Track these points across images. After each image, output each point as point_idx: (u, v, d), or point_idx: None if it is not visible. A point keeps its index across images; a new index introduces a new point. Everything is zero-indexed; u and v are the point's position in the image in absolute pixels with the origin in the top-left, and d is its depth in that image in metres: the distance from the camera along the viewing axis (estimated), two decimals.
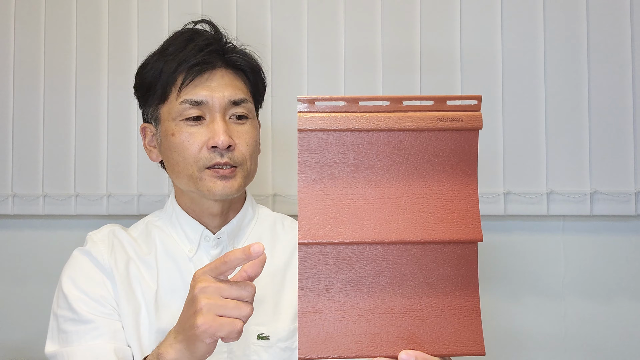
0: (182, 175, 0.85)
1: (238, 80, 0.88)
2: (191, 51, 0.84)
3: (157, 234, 0.91)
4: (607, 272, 1.18)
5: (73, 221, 1.37)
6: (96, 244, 0.88)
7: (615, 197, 1.15)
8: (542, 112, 1.19)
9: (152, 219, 0.95)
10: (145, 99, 0.89)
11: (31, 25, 1.38)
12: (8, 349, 1.38)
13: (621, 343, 1.17)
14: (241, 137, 0.85)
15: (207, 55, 0.84)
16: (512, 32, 1.20)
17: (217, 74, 0.85)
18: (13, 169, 1.38)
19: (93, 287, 0.84)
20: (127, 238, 0.90)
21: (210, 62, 0.84)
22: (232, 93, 0.85)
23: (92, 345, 0.80)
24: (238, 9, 1.30)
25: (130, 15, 1.34)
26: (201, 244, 0.89)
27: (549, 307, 1.20)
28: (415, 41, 1.24)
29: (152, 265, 0.88)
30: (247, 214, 0.94)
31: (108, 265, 0.86)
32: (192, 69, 0.83)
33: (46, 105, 1.37)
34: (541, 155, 1.18)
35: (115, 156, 1.34)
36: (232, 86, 0.85)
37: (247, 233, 0.93)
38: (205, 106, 0.83)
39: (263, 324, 0.87)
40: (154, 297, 0.86)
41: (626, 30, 1.16)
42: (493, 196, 1.19)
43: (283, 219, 1.00)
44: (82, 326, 0.81)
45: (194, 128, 0.83)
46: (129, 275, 0.86)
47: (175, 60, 0.84)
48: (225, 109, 0.84)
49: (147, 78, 0.87)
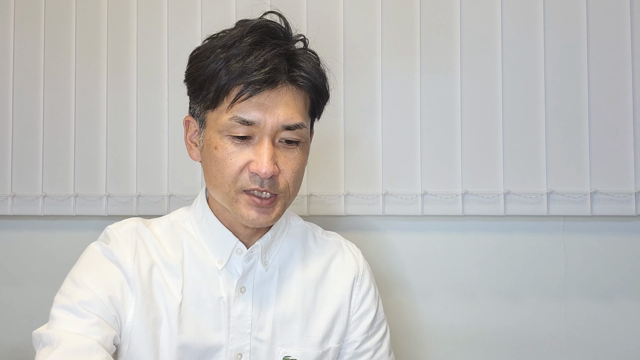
0: (219, 190, 0.79)
1: (298, 99, 0.78)
2: (255, 62, 0.74)
3: (184, 238, 0.85)
4: (608, 272, 1.18)
5: (72, 222, 1.37)
6: (119, 244, 0.81)
7: (616, 197, 1.15)
8: (542, 112, 1.19)
9: (178, 218, 0.87)
10: (195, 95, 0.80)
11: (31, 25, 1.38)
12: (7, 349, 1.38)
13: (621, 343, 1.17)
14: (287, 163, 0.78)
15: (270, 74, 0.74)
16: (512, 32, 1.20)
17: (275, 92, 0.75)
18: (12, 169, 1.38)
19: (108, 287, 0.77)
20: (150, 238, 0.83)
21: (272, 81, 0.74)
22: (288, 117, 0.76)
23: (76, 337, 0.71)
24: (237, 5, 1.30)
25: (130, 15, 1.34)
26: (232, 257, 0.83)
27: (549, 307, 1.19)
28: (416, 41, 1.24)
29: (177, 274, 0.81)
30: (280, 226, 0.89)
31: (131, 272, 0.79)
32: (251, 85, 0.74)
33: (46, 105, 1.37)
34: (541, 155, 1.18)
35: (114, 157, 1.34)
36: (289, 107, 0.76)
37: (278, 245, 0.88)
38: (256, 127, 0.75)
39: (290, 346, 0.84)
40: (178, 309, 0.79)
41: (626, 30, 1.16)
42: (493, 196, 1.19)
43: (314, 230, 0.95)
44: (74, 316, 0.74)
45: (239, 147, 0.76)
46: (152, 283, 0.80)
47: (235, 69, 0.74)
48: (277, 133, 0.76)
49: (201, 74, 0.77)
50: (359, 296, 0.90)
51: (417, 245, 1.24)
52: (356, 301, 0.90)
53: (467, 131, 1.21)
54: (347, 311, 0.88)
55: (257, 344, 0.83)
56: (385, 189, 1.23)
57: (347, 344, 0.89)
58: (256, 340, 0.83)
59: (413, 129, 1.23)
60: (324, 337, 0.86)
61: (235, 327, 0.82)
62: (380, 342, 0.91)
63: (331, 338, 0.87)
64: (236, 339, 0.82)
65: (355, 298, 0.90)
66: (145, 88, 1.33)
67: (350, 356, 0.89)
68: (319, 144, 1.25)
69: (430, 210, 1.21)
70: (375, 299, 0.92)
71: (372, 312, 0.91)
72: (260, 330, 0.83)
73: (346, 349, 0.89)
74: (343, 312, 0.88)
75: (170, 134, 1.31)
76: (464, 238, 1.23)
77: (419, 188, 1.22)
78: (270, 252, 0.87)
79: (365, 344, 0.90)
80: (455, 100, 1.22)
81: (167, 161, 1.31)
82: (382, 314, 0.94)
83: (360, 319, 0.90)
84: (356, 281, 0.90)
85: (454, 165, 1.21)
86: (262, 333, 0.83)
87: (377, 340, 0.91)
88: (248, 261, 0.84)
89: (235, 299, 0.82)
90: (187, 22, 1.32)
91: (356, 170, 1.25)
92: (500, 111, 1.20)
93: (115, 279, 0.78)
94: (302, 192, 1.26)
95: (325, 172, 1.26)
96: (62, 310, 0.74)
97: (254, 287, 0.84)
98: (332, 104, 1.25)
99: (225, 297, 0.82)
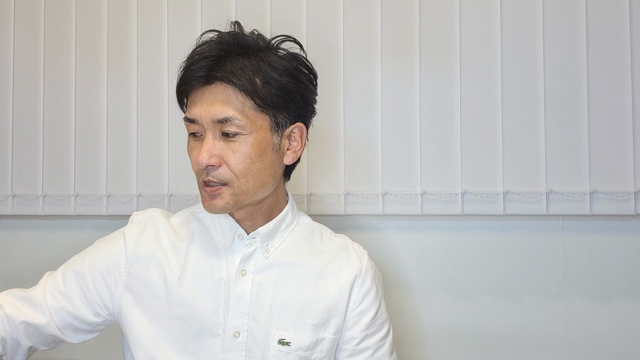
0: None
1: (233, 96, 0.82)
2: (190, 65, 0.83)
3: (196, 225, 0.94)
4: (607, 271, 1.18)
5: (73, 221, 1.37)
6: (132, 225, 0.93)
7: (615, 197, 1.15)
8: (541, 111, 1.19)
9: (196, 210, 0.97)
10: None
11: (31, 25, 1.38)
12: None
13: (620, 342, 1.17)
14: (230, 155, 0.82)
15: (203, 71, 0.82)
16: (512, 33, 1.21)
17: (212, 88, 0.82)
18: (13, 169, 1.38)
19: (101, 262, 0.91)
20: (164, 225, 0.94)
21: (205, 77, 0.82)
22: (218, 111, 0.81)
23: (40, 291, 0.89)
24: (237, 5, 1.30)
25: (130, 15, 1.34)
26: (235, 242, 0.91)
27: (548, 307, 1.20)
28: (415, 42, 1.24)
29: (181, 253, 0.91)
30: (285, 219, 0.94)
31: (131, 249, 0.90)
32: (186, 84, 0.84)
33: (46, 105, 1.37)
34: (540, 155, 1.18)
35: (114, 156, 1.34)
36: (222, 102, 0.81)
37: (283, 237, 0.94)
38: (198, 124, 0.83)
39: (286, 329, 0.88)
40: (175, 284, 0.88)
41: (625, 30, 1.17)
42: (492, 196, 1.19)
43: (322, 230, 0.99)
44: (60, 276, 0.91)
45: (195, 143, 0.86)
46: (152, 261, 0.90)
47: (184, 75, 0.84)
48: (214, 126, 0.82)
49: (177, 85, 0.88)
50: (359, 294, 0.92)
51: (416, 244, 1.24)
52: (357, 298, 0.92)
53: (467, 131, 1.21)
54: (345, 306, 0.91)
55: (254, 324, 0.87)
56: (385, 189, 1.23)
57: (347, 340, 0.91)
58: (254, 321, 0.87)
59: (413, 128, 1.23)
60: (318, 325, 0.89)
61: (235, 307, 0.87)
62: (381, 342, 0.93)
63: (327, 328, 0.90)
64: (235, 318, 0.87)
65: (355, 295, 0.92)
66: (145, 88, 1.33)
67: (350, 352, 0.91)
68: (319, 143, 1.25)
69: (429, 210, 1.21)
70: (377, 299, 0.94)
71: (373, 310, 0.92)
72: (259, 312, 0.88)
73: (346, 345, 0.91)
74: (341, 306, 0.91)
75: (171, 133, 1.32)
76: (464, 237, 1.23)
77: (419, 188, 1.22)
78: (273, 242, 0.92)
79: (365, 341, 0.91)
80: (454, 100, 1.22)
81: (167, 161, 1.31)
82: (384, 315, 0.95)
83: (359, 316, 0.92)
84: (358, 279, 0.93)
85: (453, 164, 1.21)
86: (260, 315, 0.87)
87: (378, 340, 0.92)
88: (249, 247, 0.90)
89: (235, 280, 0.88)
90: (187, 22, 1.32)
91: (356, 169, 1.25)
92: (500, 111, 1.20)
93: (114, 255, 0.91)
94: (302, 191, 1.26)
95: (325, 171, 1.26)
96: (62, 267, 0.93)
97: (255, 271, 0.90)
98: (332, 104, 1.25)
99: (225, 278, 0.88)
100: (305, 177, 1.26)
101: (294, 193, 1.26)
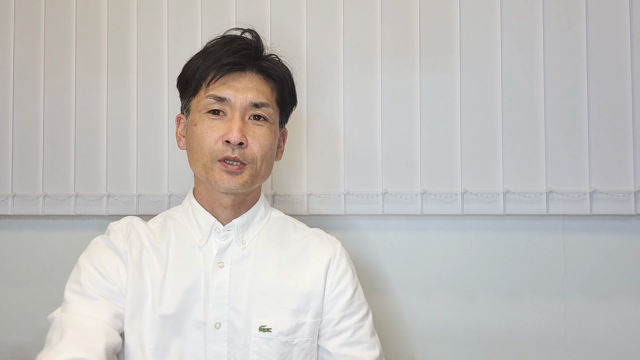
0: (198, 163, 0.91)
1: (265, 86, 0.93)
2: (226, 52, 0.90)
3: (172, 225, 0.97)
4: (607, 271, 1.18)
5: (73, 221, 1.37)
6: (115, 232, 0.95)
7: (615, 196, 1.15)
8: (541, 111, 1.19)
9: (170, 212, 1.01)
10: (183, 92, 0.97)
11: (31, 25, 1.38)
12: (7, 349, 1.38)
13: (621, 342, 1.17)
14: (256, 137, 0.90)
15: (240, 58, 0.90)
16: (512, 32, 1.21)
17: (246, 77, 0.91)
18: (13, 169, 1.38)
19: (106, 266, 0.91)
20: (144, 229, 0.96)
21: (241, 64, 0.91)
22: (255, 96, 0.90)
23: (84, 319, 0.84)
24: (237, 6, 1.30)
25: (130, 15, 1.34)
26: (211, 235, 0.94)
27: (548, 307, 1.20)
28: (415, 41, 1.24)
29: (162, 253, 0.93)
30: (258, 212, 0.99)
31: (123, 250, 0.92)
32: (223, 67, 0.90)
33: (46, 105, 1.37)
34: (540, 155, 1.18)
35: (114, 156, 1.34)
36: (257, 90, 0.91)
37: (257, 230, 0.98)
38: (228, 103, 0.89)
39: (265, 316, 0.90)
40: (160, 283, 0.90)
41: (626, 30, 1.17)
42: (492, 195, 1.19)
43: (295, 222, 1.04)
44: (82, 299, 0.86)
45: (215, 122, 0.89)
46: (141, 262, 0.92)
47: (210, 59, 0.90)
48: (246, 110, 0.90)
49: (186, 74, 0.94)
50: (335, 276, 0.96)
51: (416, 244, 1.24)
52: (332, 281, 0.95)
53: (467, 130, 1.21)
54: (322, 289, 0.94)
55: (234, 314, 0.90)
56: (385, 189, 1.23)
57: (326, 322, 0.94)
58: (234, 311, 0.90)
59: (413, 128, 1.23)
60: (298, 310, 0.91)
61: (214, 298, 0.90)
62: (360, 323, 0.95)
63: (307, 313, 0.92)
64: (215, 309, 0.90)
65: (331, 278, 0.95)
66: (145, 88, 1.33)
67: (330, 334, 0.94)
68: (319, 143, 1.25)
69: (429, 210, 1.21)
70: (353, 282, 0.97)
71: (349, 292, 0.95)
72: (238, 301, 0.91)
73: (325, 328, 0.94)
74: (318, 290, 0.94)
75: (171, 133, 1.32)
76: (464, 237, 1.23)
77: (419, 187, 1.22)
78: (248, 234, 0.96)
79: (343, 322, 0.94)
80: (454, 100, 1.22)
81: (167, 161, 1.32)
82: (361, 297, 0.98)
83: (336, 298, 0.95)
84: (332, 262, 0.97)
85: (453, 164, 1.21)
86: (239, 304, 0.90)
87: (357, 321, 0.95)
88: (225, 239, 0.94)
89: (213, 272, 0.92)
90: (187, 23, 1.32)
91: (356, 169, 1.25)
92: (500, 110, 1.20)
93: (112, 261, 0.91)
94: (302, 191, 1.26)
95: (325, 171, 1.26)
96: (71, 294, 0.88)
97: (232, 263, 0.93)
98: (332, 104, 1.25)
99: (204, 270, 0.92)
100: (305, 177, 1.27)
101: (294, 193, 1.26)
